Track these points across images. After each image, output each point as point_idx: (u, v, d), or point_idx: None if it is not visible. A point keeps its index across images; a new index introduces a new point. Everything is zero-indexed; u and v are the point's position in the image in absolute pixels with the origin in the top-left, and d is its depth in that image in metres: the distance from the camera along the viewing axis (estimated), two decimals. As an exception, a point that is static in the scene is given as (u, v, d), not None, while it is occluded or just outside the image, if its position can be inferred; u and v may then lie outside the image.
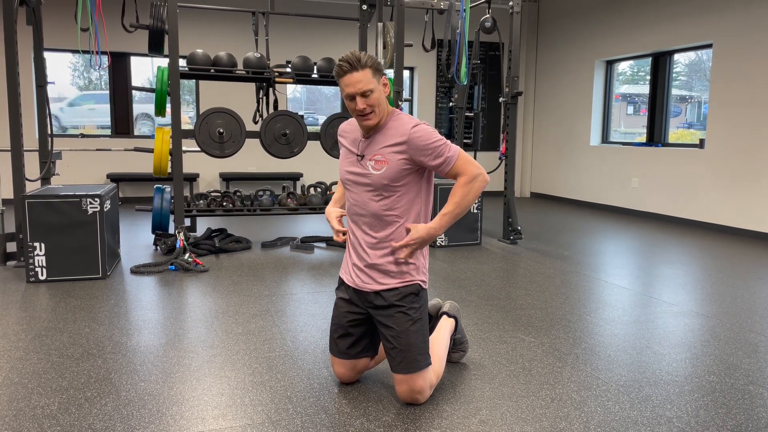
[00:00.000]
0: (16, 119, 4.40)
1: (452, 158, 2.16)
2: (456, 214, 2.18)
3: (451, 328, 2.59)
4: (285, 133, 5.21)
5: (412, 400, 2.24)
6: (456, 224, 5.37)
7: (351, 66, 2.11)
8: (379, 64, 2.17)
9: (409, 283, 2.24)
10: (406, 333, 2.20)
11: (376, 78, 2.14)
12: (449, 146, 2.16)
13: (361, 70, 2.11)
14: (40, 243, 3.95)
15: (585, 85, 8.54)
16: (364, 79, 2.11)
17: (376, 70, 2.15)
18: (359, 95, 2.12)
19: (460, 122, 6.46)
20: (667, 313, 3.48)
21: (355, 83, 2.11)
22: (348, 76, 2.11)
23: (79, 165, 7.82)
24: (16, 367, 2.58)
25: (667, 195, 7.14)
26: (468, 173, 2.17)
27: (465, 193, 2.16)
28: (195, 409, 2.21)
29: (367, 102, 2.14)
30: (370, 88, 2.12)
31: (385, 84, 2.20)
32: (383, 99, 2.18)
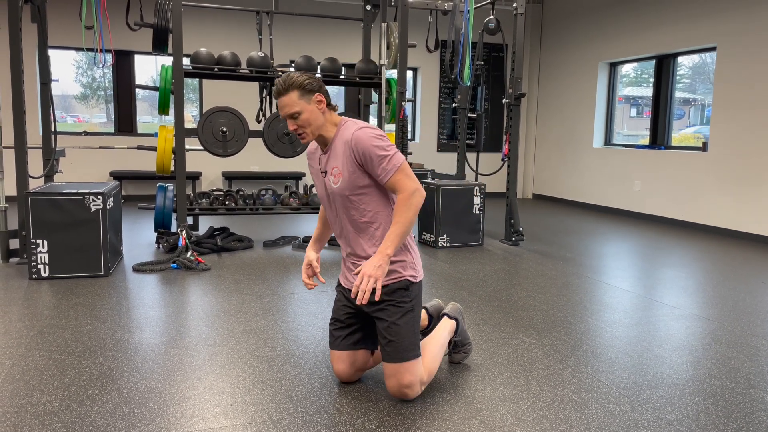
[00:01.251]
0: (20, 116, 4.41)
1: (393, 169, 2.13)
2: (402, 233, 2.14)
3: (451, 330, 2.58)
4: (288, 132, 5.21)
5: (401, 394, 2.25)
6: (458, 225, 5.40)
7: (278, 90, 2.16)
8: (309, 84, 2.17)
9: (397, 280, 2.25)
10: (396, 324, 2.22)
11: (304, 99, 2.16)
12: (391, 156, 2.13)
13: (285, 94, 2.15)
14: (43, 240, 3.96)
15: (588, 87, 8.53)
16: (290, 102, 2.15)
17: (304, 90, 2.16)
18: (288, 117, 2.18)
19: (462, 123, 6.46)
20: (668, 316, 3.48)
21: (282, 106, 2.17)
22: (278, 99, 2.18)
23: (82, 162, 7.83)
24: (18, 363, 2.59)
25: (669, 198, 7.14)
26: (406, 189, 2.14)
27: (405, 210, 2.13)
28: (196, 408, 2.21)
29: (296, 123, 2.18)
30: (297, 111, 2.16)
31: (320, 101, 2.19)
32: (316, 117, 2.18)
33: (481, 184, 5.52)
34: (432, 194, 5.42)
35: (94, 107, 9.15)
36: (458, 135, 6.53)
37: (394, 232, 2.13)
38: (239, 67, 5.20)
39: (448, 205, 5.38)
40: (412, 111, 9.40)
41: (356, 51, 7.36)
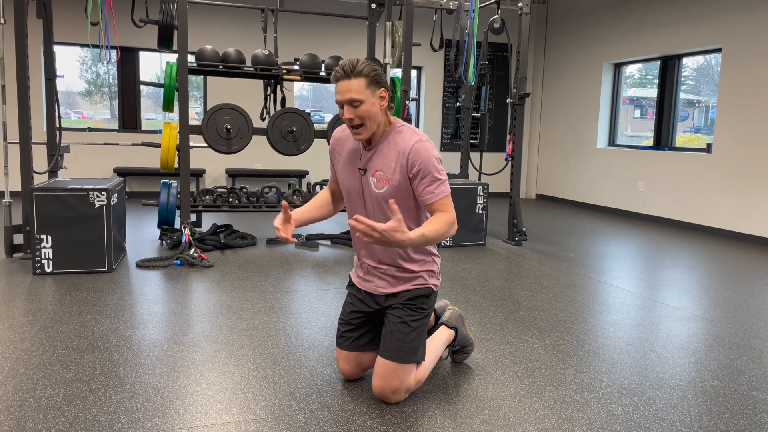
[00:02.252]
0: (25, 112, 4.43)
1: (441, 194, 2.10)
2: (430, 239, 2.03)
3: (449, 339, 2.56)
4: (292, 130, 5.22)
5: (384, 397, 2.23)
6: (461, 224, 5.39)
7: (344, 73, 2.02)
8: (378, 76, 2.05)
9: (421, 286, 2.27)
10: (409, 325, 2.22)
11: (370, 89, 2.04)
12: (442, 182, 2.10)
13: (354, 78, 2.02)
14: (47, 235, 3.97)
15: (592, 88, 8.52)
16: (355, 88, 2.02)
17: (373, 81, 2.04)
18: (347, 104, 2.04)
19: (466, 123, 6.46)
20: (671, 317, 3.48)
21: (345, 91, 2.03)
22: (341, 82, 2.04)
23: (86, 159, 7.85)
24: (21, 358, 2.60)
25: (673, 199, 7.12)
26: (451, 214, 2.10)
27: (442, 227, 2.05)
28: (199, 404, 2.22)
29: (355, 113, 2.04)
30: (360, 99, 2.02)
31: (383, 97, 2.08)
32: (376, 112, 2.07)
33: (484, 184, 5.52)
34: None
35: (98, 104, 9.16)
36: (462, 134, 6.53)
37: (425, 232, 2.00)
38: (244, 64, 5.20)
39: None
40: (416, 110, 9.40)
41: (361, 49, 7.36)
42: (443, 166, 2.13)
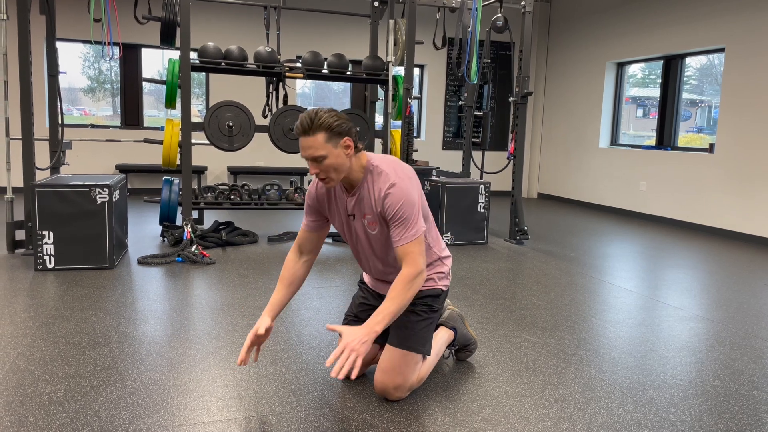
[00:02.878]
0: (27, 108, 4.43)
1: (407, 239, 2.04)
2: (396, 312, 2.01)
3: (448, 339, 2.57)
4: (293, 128, 5.22)
5: (386, 393, 2.24)
6: (463, 223, 5.39)
7: (303, 129, 1.98)
8: (339, 126, 1.99)
9: (431, 288, 2.30)
10: (417, 315, 2.25)
11: (331, 142, 1.99)
12: (414, 224, 2.05)
13: (313, 134, 1.97)
14: (49, 231, 3.98)
15: (595, 87, 8.51)
16: (316, 145, 1.98)
17: (334, 133, 1.98)
18: (310, 160, 2.02)
19: (469, 121, 6.45)
20: (672, 317, 3.47)
21: (306, 147, 2.00)
22: (302, 138, 2.00)
23: (88, 155, 7.86)
24: (23, 353, 2.60)
25: (675, 199, 7.12)
26: (414, 266, 2.04)
27: (405, 291, 2.02)
28: (200, 400, 2.22)
29: (319, 167, 2.02)
30: (322, 154, 1.99)
31: (347, 146, 2.02)
32: (342, 162, 2.03)
33: (486, 183, 5.52)
34: (437, 192, 5.42)
35: (100, 100, 9.16)
36: (464, 133, 6.53)
37: (388, 309, 2.00)
38: (246, 61, 5.20)
39: (453, 203, 5.38)
40: (418, 108, 9.39)
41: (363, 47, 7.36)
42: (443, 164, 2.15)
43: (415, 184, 2.12)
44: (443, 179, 5.57)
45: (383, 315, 2.00)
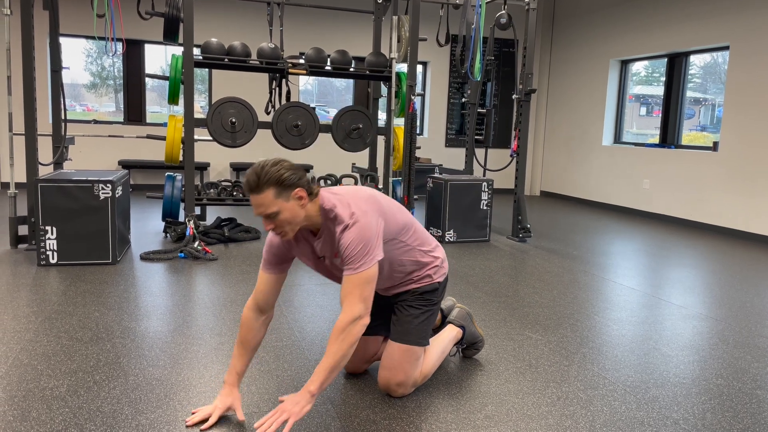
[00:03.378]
0: (30, 104, 4.43)
1: (349, 272, 1.93)
2: (333, 367, 1.90)
3: (456, 337, 2.56)
4: (297, 124, 5.21)
5: (389, 389, 2.25)
6: (465, 220, 5.39)
7: (250, 188, 1.87)
8: (288, 179, 1.88)
9: (428, 283, 2.30)
10: (417, 309, 2.26)
11: (282, 197, 1.88)
12: (360, 258, 1.92)
13: (260, 192, 1.86)
14: (52, 227, 3.98)
15: (599, 85, 8.49)
16: (265, 203, 1.87)
17: (282, 187, 1.87)
18: (263, 217, 1.92)
19: (472, 119, 6.44)
20: (675, 315, 3.47)
21: (256, 206, 1.89)
22: (250, 196, 1.89)
23: (91, 151, 7.86)
24: (26, 348, 2.61)
25: (678, 197, 7.10)
26: (350, 312, 1.91)
27: (340, 342, 1.90)
28: (202, 396, 2.22)
29: (273, 223, 1.92)
30: (274, 211, 1.88)
31: (300, 197, 1.91)
32: (296, 215, 1.92)
33: (489, 180, 5.51)
34: (440, 189, 5.41)
35: (103, 96, 9.17)
36: (467, 130, 6.52)
37: (323, 366, 1.89)
38: (249, 58, 5.19)
39: (456, 201, 5.37)
40: (420, 105, 9.38)
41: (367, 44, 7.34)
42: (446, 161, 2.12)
43: (371, 216, 1.97)
44: (446, 176, 5.56)
45: (318, 373, 1.89)
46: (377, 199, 2.08)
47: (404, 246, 2.19)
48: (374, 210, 2.01)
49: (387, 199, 2.18)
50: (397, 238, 2.15)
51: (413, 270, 2.26)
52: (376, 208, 2.03)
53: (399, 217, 2.16)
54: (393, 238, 2.13)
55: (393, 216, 2.12)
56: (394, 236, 2.13)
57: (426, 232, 2.34)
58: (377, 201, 2.07)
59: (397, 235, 2.15)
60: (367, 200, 2.03)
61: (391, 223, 2.10)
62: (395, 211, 2.16)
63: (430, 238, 2.35)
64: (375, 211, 2.01)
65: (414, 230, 2.23)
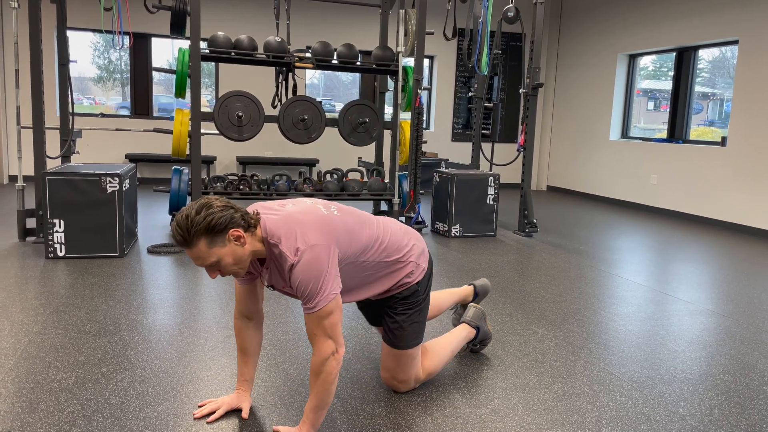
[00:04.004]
0: (38, 97, 4.44)
1: (308, 312, 1.80)
2: (319, 407, 1.85)
3: (468, 337, 2.55)
4: (303, 118, 5.21)
5: (393, 386, 2.26)
6: (471, 215, 5.38)
7: (179, 244, 1.74)
8: (218, 225, 1.70)
9: (408, 286, 2.17)
10: (404, 321, 2.17)
11: (217, 245, 1.73)
12: (316, 300, 1.77)
13: (192, 247, 1.72)
14: (60, 220, 4.00)
15: (606, 79, 8.44)
16: (201, 255, 1.73)
17: (214, 234, 1.71)
18: (206, 268, 1.79)
19: (478, 113, 6.42)
20: (682, 311, 3.45)
21: (194, 259, 1.76)
22: (186, 251, 1.76)
23: (98, 145, 7.88)
24: (34, 341, 2.62)
25: (686, 192, 7.06)
26: (318, 354, 1.81)
27: (319, 384, 1.82)
28: (209, 389, 2.23)
29: (218, 271, 1.79)
30: (213, 261, 1.75)
31: (238, 236, 1.75)
32: (240, 255, 1.77)
33: (495, 175, 5.49)
34: (446, 184, 5.40)
35: (110, 90, 9.19)
36: (473, 125, 6.50)
37: (310, 407, 1.85)
38: (256, 51, 5.19)
39: (462, 195, 5.36)
40: (427, 100, 9.36)
41: (373, 38, 7.33)
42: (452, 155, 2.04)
43: (319, 249, 1.77)
44: (452, 171, 5.55)
45: (307, 414, 1.86)
46: (329, 222, 1.85)
47: (370, 263, 2.03)
48: (324, 239, 1.79)
49: (345, 214, 1.95)
50: (359, 258, 1.98)
51: (387, 281, 2.12)
52: (328, 234, 1.81)
53: (361, 234, 1.97)
54: (355, 260, 1.97)
55: (352, 235, 1.93)
56: (357, 257, 1.97)
57: (398, 233, 2.14)
58: (328, 224, 1.84)
59: (361, 255, 1.98)
60: (315, 227, 1.80)
61: (350, 246, 1.92)
62: (355, 227, 1.95)
63: (403, 239, 2.14)
64: (325, 239, 1.79)
65: (380, 242, 2.04)
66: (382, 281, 2.12)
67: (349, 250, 1.91)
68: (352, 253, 1.94)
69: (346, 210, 1.99)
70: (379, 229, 2.07)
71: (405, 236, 2.17)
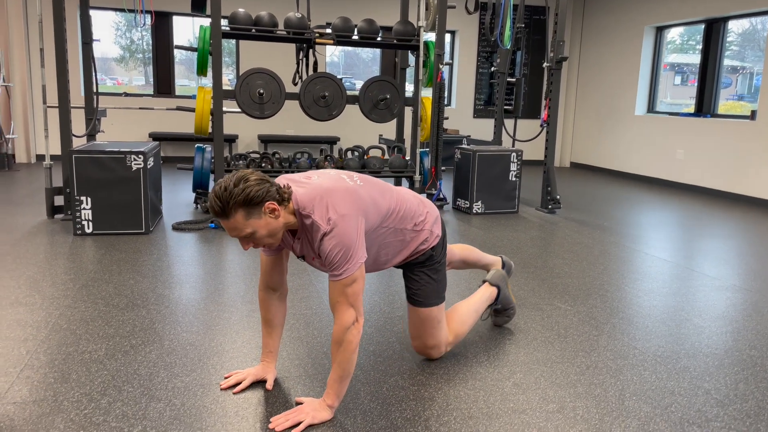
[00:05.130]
0: (63, 75, 4.49)
1: (334, 279, 1.84)
2: (342, 377, 1.87)
3: (491, 297, 2.56)
4: (324, 95, 5.20)
5: (426, 354, 2.31)
6: (493, 192, 5.34)
7: (216, 215, 1.77)
8: (255, 197, 1.74)
9: (423, 252, 2.21)
10: (426, 282, 2.23)
11: (253, 217, 1.76)
12: (344, 264, 1.81)
13: (229, 218, 1.75)
14: (87, 197, 4.06)
15: (632, 52, 8.26)
16: (237, 226, 1.77)
17: (252, 207, 1.75)
18: (241, 239, 1.83)
19: (501, 88, 6.34)
20: (708, 287, 3.41)
21: (230, 230, 1.79)
22: (222, 222, 1.79)
23: (122, 123, 7.97)
24: (64, 314, 2.69)
25: (713, 168, 6.93)
26: (340, 322, 1.84)
27: (341, 354, 1.85)
28: (235, 360, 2.27)
29: (252, 242, 1.83)
30: (248, 232, 1.78)
31: (273, 209, 1.78)
32: (274, 227, 1.81)
33: (518, 151, 5.44)
34: (468, 160, 5.36)
35: (132, 70, 9.25)
36: (496, 100, 6.42)
37: (333, 378, 1.88)
38: (276, 28, 5.17)
39: (484, 172, 5.33)
40: (448, 75, 9.26)
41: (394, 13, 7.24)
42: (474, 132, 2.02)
43: (350, 219, 1.82)
44: (474, 147, 5.50)
45: (331, 385, 1.89)
46: (356, 193, 1.88)
47: (389, 230, 2.07)
48: (353, 209, 1.84)
49: (368, 183, 2.00)
50: (381, 225, 2.03)
51: (405, 250, 2.17)
52: (356, 205, 1.85)
53: (382, 203, 2.01)
54: (377, 227, 2.01)
55: (375, 205, 1.97)
56: (379, 225, 2.01)
57: (414, 202, 2.18)
58: (356, 195, 1.87)
59: (382, 222, 2.02)
60: (345, 197, 1.84)
61: (374, 215, 1.96)
62: (377, 197, 1.99)
63: (419, 208, 2.18)
64: (354, 209, 1.84)
65: (398, 210, 2.08)
66: (401, 250, 2.16)
67: (372, 220, 1.95)
68: (374, 222, 1.97)
69: (367, 180, 2.03)
70: (398, 197, 2.12)
71: (420, 205, 2.20)
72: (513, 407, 2.00)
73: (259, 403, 1.98)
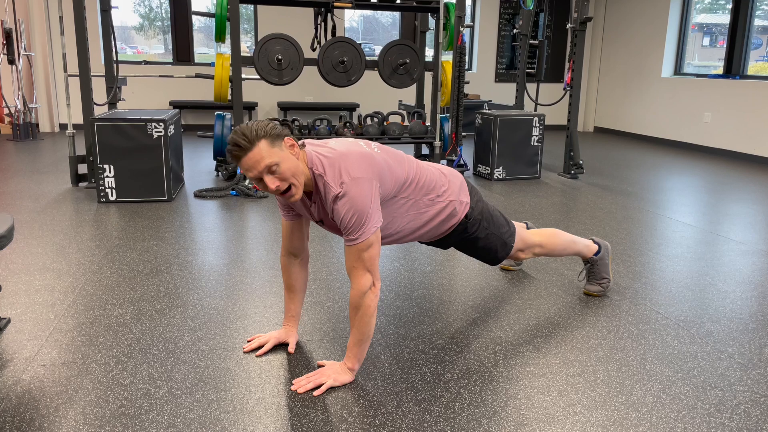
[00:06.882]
0: (83, 43, 4.50)
1: (350, 244, 1.82)
2: (361, 341, 1.89)
3: (590, 249, 2.63)
4: (343, 60, 5.14)
5: (515, 257, 2.49)
6: (515, 157, 5.28)
7: (241, 147, 1.73)
8: (274, 128, 1.76)
9: (459, 222, 2.20)
10: (475, 246, 2.33)
11: (276, 146, 1.75)
12: (359, 227, 1.79)
13: (253, 147, 1.72)
14: (110, 165, 4.11)
15: (659, 13, 8.01)
16: (261, 155, 1.73)
17: (274, 137, 1.75)
18: (265, 173, 1.75)
19: (523, 51, 6.21)
20: (734, 251, 3.36)
21: (255, 162, 1.73)
22: (243, 159, 1.74)
23: (142, 92, 7.99)
24: (91, 279, 2.74)
25: (742, 130, 6.75)
26: (356, 287, 1.84)
27: (359, 318, 1.86)
28: (257, 324, 2.31)
29: (278, 178, 1.76)
30: (274, 161, 1.73)
31: (292, 145, 1.79)
32: (296, 165, 1.78)
33: (540, 115, 5.35)
34: (489, 125, 5.30)
35: (152, 38, 9.24)
36: (518, 64, 6.30)
37: (353, 342, 1.90)
38: (294, -8, 5.10)
39: (505, 137, 5.26)
40: (469, 38, 9.09)
41: (413, -25, 7.10)
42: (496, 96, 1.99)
43: (363, 183, 1.79)
44: (495, 112, 5.43)
45: (351, 349, 1.91)
46: (371, 158, 1.84)
47: (408, 201, 2.03)
48: (367, 173, 1.80)
49: (384, 151, 1.96)
50: (400, 195, 1.99)
51: (428, 221, 2.12)
52: (370, 169, 1.82)
53: (399, 172, 1.96)
54: (394, 196, 1.97)
55: (392, 172, 1.92)
56: (397, 194, 1.98)
57: (435, 172, 2.14)
58: (370, 159, 1.84)
59: (399, 192, 1.98)
60: (359, 161, 1.81)
61: (390, 182, 1.92)
62: (393, 165, 1.94)
63: (440, 179, 2.14)
64: (368, 173, 1.81)
65: (417, 179, 2.04)
66: (427, 222, 2.12)
67: (388, 186, 1.92)
68: (390, 189, 1.94)
69: (385, 148, 1.99)
70: (417, 167, 2.08)
71: (441, 176, 2.16)
72: (533, 371, 2.00)
73: (281, 365, 2.01)
